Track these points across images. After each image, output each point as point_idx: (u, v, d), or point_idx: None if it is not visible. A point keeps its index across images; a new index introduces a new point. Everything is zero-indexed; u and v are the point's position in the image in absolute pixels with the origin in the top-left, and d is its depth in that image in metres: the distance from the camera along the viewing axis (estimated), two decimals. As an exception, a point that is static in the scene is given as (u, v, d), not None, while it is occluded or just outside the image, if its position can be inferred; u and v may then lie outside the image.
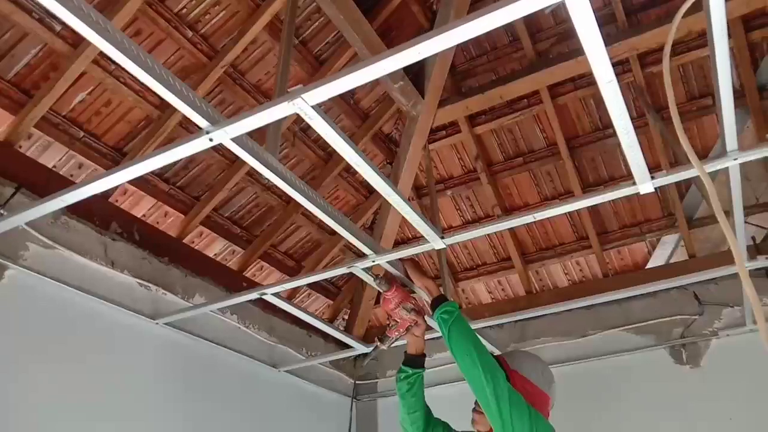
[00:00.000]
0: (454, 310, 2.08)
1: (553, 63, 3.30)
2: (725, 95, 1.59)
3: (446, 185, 4.04)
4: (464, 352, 1.98)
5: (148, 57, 1.40)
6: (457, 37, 1.29)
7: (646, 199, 3.71)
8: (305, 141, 3.49)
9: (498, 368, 1.96)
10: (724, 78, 1.52)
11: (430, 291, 2.21)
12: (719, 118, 1.72)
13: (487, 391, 1.90)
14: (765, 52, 3.14)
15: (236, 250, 3.64)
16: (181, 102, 1.47)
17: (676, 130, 1.54)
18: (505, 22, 1.25)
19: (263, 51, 3.07)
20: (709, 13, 1.37)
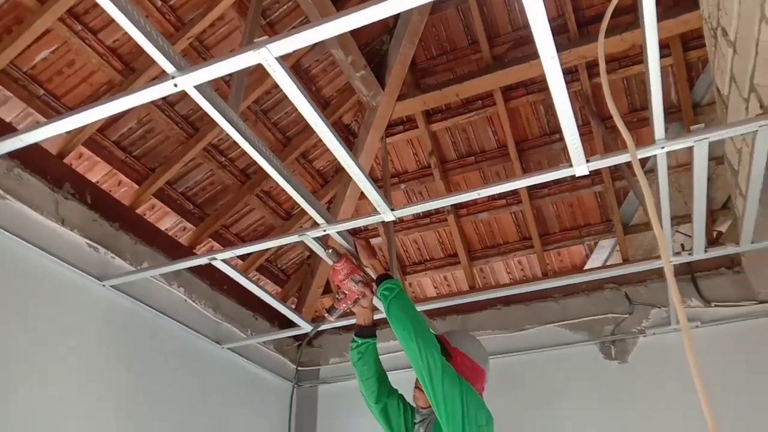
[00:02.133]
0: (395, 287, 2.20)
1: (507, 66, 3.47)
2: (654, 84, 1.75)
3: (400, 179, 4.16)
4: (402, 326, 2.10)
5: (128, 2, 1.46)
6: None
7: (586, 204, 3.92)
8: (265, 123, 3.55)
9: (434, 343, 2.08)
10: (653, 67, 1.68)
11: (376, 269, 2.32)
12: (650, 109, 1.89)
13: (422, 364, 2.02)
14: (701, 71, 3.39)
15: (187, 226, 3.66)
16: (149, 44, 1.53)
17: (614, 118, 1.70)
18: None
19: (230, 28, 3.13)
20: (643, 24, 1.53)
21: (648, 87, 1.75)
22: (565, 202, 3.95)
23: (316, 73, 3.60)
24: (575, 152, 1.88)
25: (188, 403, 3.19)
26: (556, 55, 1.52)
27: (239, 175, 3.63)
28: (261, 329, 3.86)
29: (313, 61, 3.52)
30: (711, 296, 3.27)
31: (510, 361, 3.53)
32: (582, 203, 3.94)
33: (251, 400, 3.69)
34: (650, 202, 1.45)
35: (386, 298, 2.18)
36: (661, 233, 1.39)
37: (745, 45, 2.31)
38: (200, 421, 3.24)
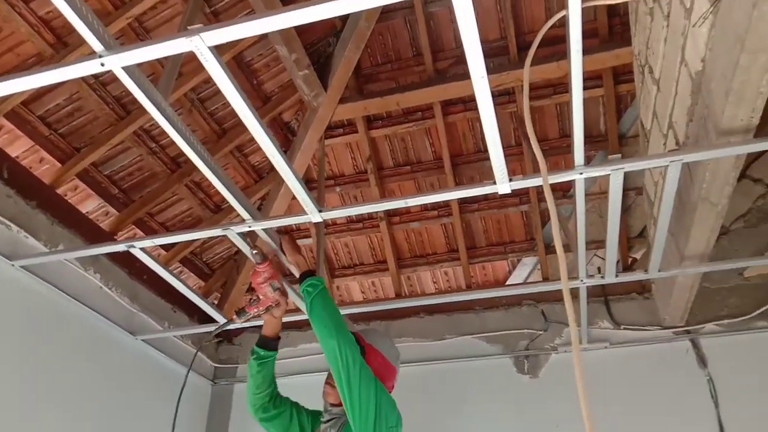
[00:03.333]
0: (319, 284, 2.20)
1: (448, 81, 3.54)
2: (577, 114, 1.83)
3: (336, 182, 4.16)
4: (323, 323, 2.10)
5: None
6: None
7: (513, 222, 4.05)
8: (201, 112, 3.48)
9: (353, 342, 2.10)
10: (576, 96, 1.76)
11: (300, 266, 2.31)
12: (571, 136, 1.97)
13: (340, 363, 2.03)
14: (629, 104, 3.56)
15: (110, 211, 3.54)
16: (78, 19, 1.48)
17: (531, 142, 1.78)
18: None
19: (173, 12, 3.06)
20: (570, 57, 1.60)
21: (571, 116, 1.82)
22: (493, 219, 4.06)
23: (258, 68, 3.56)
24: (499, 171, 1.94)
25: (95, 394, 3.07)
26: (485, 75, 1.57)
27: (169, 163, 3.54)
28: (179, 323, 3.77)
29: (256, 55, 3.49)
30: (621, 319, 3.44)
31: (426, 370, 3.58)
32: (509, 221, 4.06)
33: (165, 395, 3.59)
34: (555, 224, 1.52)
35: (309, 295, 2.18)
36: (562, 254, 1.46)
37: (667, 84, 2.45)
38: (107, 413, 3.13)
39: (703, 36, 1.91)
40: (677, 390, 3.17)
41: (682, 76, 2.21)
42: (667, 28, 2.34)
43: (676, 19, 2.19)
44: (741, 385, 3.08)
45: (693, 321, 3.28)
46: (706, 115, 2.00)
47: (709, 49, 1.89)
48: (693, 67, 2.06)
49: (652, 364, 3.28)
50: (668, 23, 2.31)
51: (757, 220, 3.40)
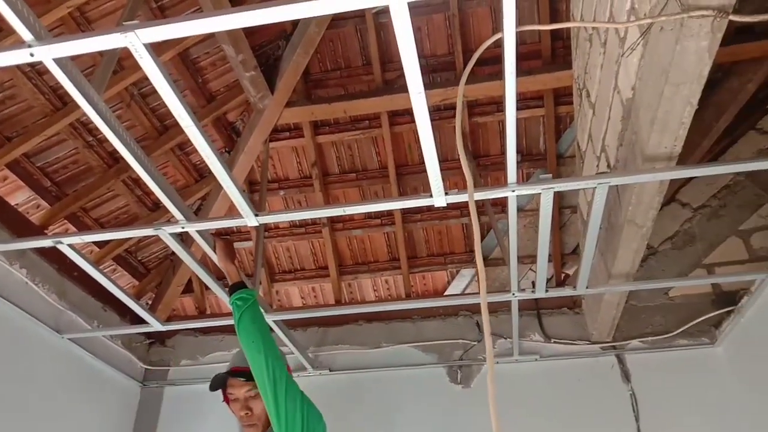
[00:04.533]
0: (249, 298, 2.20)
1: (396, 92, 3.58)
2: (510, 134, 1.88)
3: (280, 185, 4.13)
4: (251, 338, 2.11)
5: None
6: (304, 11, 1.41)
7: (453, 233, 4.11)
8: (143, 107, 3.40)
9: (279, 357, 2.12)
10: (510, 117, 1.81)
11: (230, 275, 2.30)
12: (506, 155, 2.03)
13: (266, 377, 2.05)
14: (568, 125, 3.68)
15: (42, 204, 3.41)
16: (6, 6, 1.43)
17: (461, 159, 1.82)
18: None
19: (116, 5, 2.98)
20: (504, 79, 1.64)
21: (505, 136, 1.87)
22: (435, 230, 4.11)
23: (204, 66, 3.51)
24: (435, 184, 1.97)
25: (15, 395, 2.94)
26: (422, 90, 1.60)
27: (106, 158, 3.44)
28: (110, 322, 3.65)
29: (202, 53, 3.43)
30: (552, 333, 3.53)
31: (361, 377, 3.59)
32: (450, 232, 4.13)
33: (89, 397, 3.47)
34: (477, 239, 1.55)
35: (238, 309, 2.18)
36: (482, 268, 1.50)
37: (602, 108, 2.55)
38: (28, 415, 2.99)
39: (633, 65, 2.00)
40: (601, 403, 3.27)
41: (615, 102, 2.30)
42: (603, 55, 2.44)
43: (612, 47, 2.28)
44: (661, 401, 3.21)
45: (619, 337, 3.40)
46: (634, 141, 2.09)
47: (639, 78, 1.98)
48: (624, 94, 2.15)
49: (579, 378, 3.38)
50: (605, 50, 2.41)
51: (684, 242, 3.56)
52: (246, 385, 2.19)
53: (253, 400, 2.18)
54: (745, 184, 3.57)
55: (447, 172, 3.70)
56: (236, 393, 2.22)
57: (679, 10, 1.50)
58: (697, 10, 1.46)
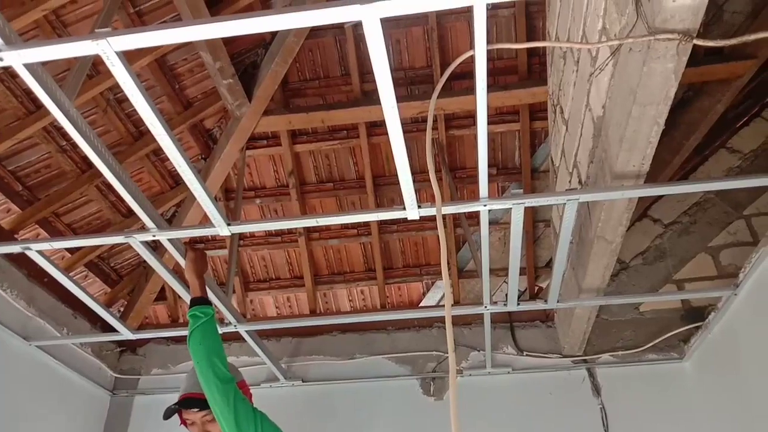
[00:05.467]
0: (201, 316, 2.19)
1: (374, 103, 3.59)
2: (482, 149, 1.90)
3: (257, 194, 4.11)
4: (203, 355, 2.11)
5: None
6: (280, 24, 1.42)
7: (430, 244, 4.13)
8: (118, 113, 3.37)
9: (230, 375, 2.12)
10: (482, 134, 1.83)
11: (192, 289, 2.30)
12: (478, 170, 2.05)
13: (217, 394, 2.04)
14: (543, 140, 3.73)
15: (12, 209, 3.35)
16: (-25, 10, 1.41)
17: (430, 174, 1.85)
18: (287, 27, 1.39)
19: (94, 8, 2.95)
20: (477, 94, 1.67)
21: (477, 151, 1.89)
22: (411, 241, 4.13)
23: (182, 72, 3.49)
24: (408, 197, 1.98)
25: (-24, 402, 2.89)
26: (395, 105, 1.62)
27: (80, 162, 3.40)
28: (80, 329, 3.60)
29: (180, 59, 3.42)
30: (524, 345, 3.56)
31: (334, 388, 3.58)
32: (426, 243, 4.14)
33: (57, 406, 3.41)
34: (444, 253, 1.57)
35: (194, 324, 2.18)
36: (448, 281, 1.51)
37: (575, 125, 2.59)
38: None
39: (604, 84, 2.04)
40: (572, 416, 3.30)
41: (587, 119, 2.34)
42: (576, 73, 2.48)
43: (584, 66, 2.33)
44: (630, 415, 3.24)
45: (590, 351, 3.43)
46: (604, 159, 2.13)
47: (609, 97, 2.02)
48: (595, 112, 2.19)
49: (550, 391, 3.40)
50: (577, 68, 2.45)
51: (654, 258, 3.62)
52: (200, 411, 2.18)
53: (210, 423, 2.17)
54: (714, 201, 3.64)
55: (424, 183, 3.72)
56: (192, 417, 2.22)
57: (646, 33, 1.54)
58: (663, 33, 1.50)
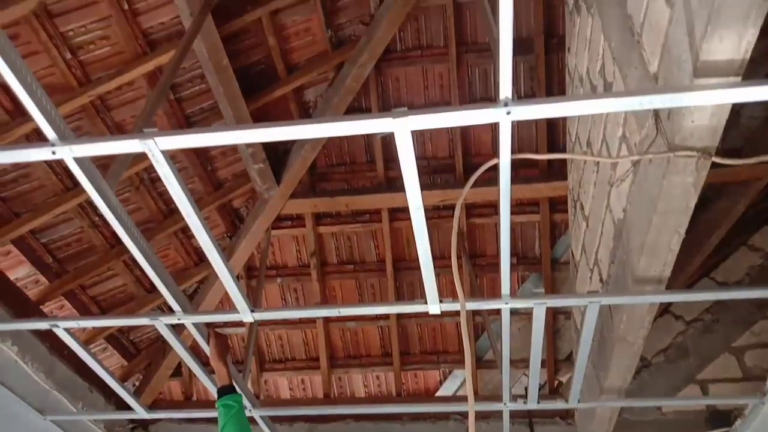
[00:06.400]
0: (235, 405, 2.18)
1: (398, 190, 3.68)
2: (504, 252, 1.94)
3: (278, 273, 4.16)
4: None
5: (18, 56, 1.46)
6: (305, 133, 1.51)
7: (448, 331, 4.10)
8: (150, 191, 3.49)
9: None
10: (504, 238, 1.87)
11: (220, 376, 2.30)
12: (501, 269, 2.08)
13: None
14: (563, 232, 3.77)
15: (41, 280, 3.43)
16: (35, 107, 1.52)
17: (453, 272, 1.88)
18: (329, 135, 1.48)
19: (136, 95, 3.14)
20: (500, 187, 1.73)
21: (500, 249, 1.93)
22: (429, 327, 4.11)
23: (215, 155, 3.64)
24: (430, 292, 2.01)
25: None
26: (421, 206, 1.68)
27: (110, 238, 3.50)
28: (95, 404, 3.57)
29: (213, 143, 3.56)
30: (543, 442, 3.45)
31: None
32: (444, 330, 4.12)
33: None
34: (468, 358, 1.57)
35: (224, 416, 2.16)
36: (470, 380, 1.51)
37: (595, 223, 2.62)
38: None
39: (624, 189, 2.09)
40: None
41: (607, 219, 2.38)
42: (596, 174, 2.54)
43: (605, 168, 2.39)
44: None
45: (612, 451, 3.32)
46: (625, 261, 2.15)
47: (629, 202, 2.07)
48: (616, 214, 2.23)
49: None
50: (597, 170, 2.51)
51: (676, 355, 3.55)
52: None
53: None
54: (737, 300, 3.60)
55: (444, 269, 3.75)
56: None
57: (666, 149, 1.59)
58: (683, 150, 1.55)
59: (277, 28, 3.29)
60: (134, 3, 2.82)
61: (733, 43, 1.35)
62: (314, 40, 3.49)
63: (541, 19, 3.42)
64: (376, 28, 3.41)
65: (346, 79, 3.52)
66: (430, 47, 3.62)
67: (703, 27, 1.36)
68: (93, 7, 2.75)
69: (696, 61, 1.40)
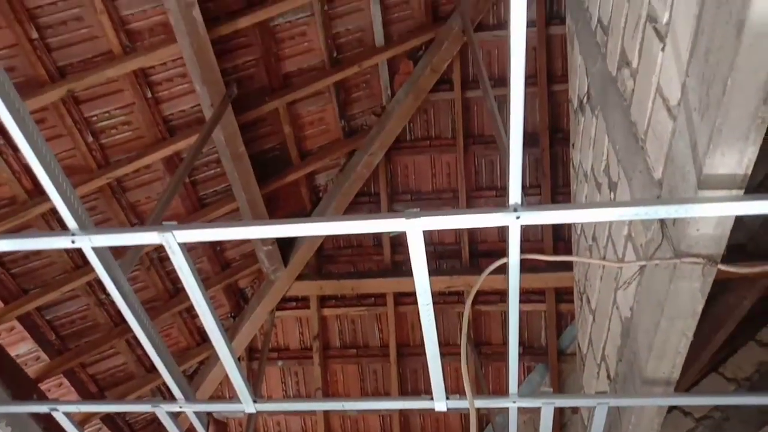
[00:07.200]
0: None
1: (402, 275, 3.71)
2: (513, 343, 1.94)
3: (280, 355, 4.12)
4: None
5: (45, 144, 1.51)
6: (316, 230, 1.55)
7: (451, 422, 4.00)
8: (158, 270, 3.52)
9: None
10: (513, 342, 1.88)
11: None
12: (509, 366, 2.07)
13: None
14: (569, 322, 3.75)
15: (42, 357, 3.41)
16: (59, 197, 1.57)
17: (462, 365, 1.88)
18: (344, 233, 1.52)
19: (153, 177, 3.22)
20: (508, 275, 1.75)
21: (508, 347, 1.92)
22: (433, 417, 4.02)
23: (224, 236, 3.68)
24: (437, 389, 1.99)
25: None
26: (431, 302, 1.69)
27: (114, 316, 3.49)
28: (84, 489, 3.46)
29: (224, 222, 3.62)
30: None
31: None
32: (448, 421, 4.03)
33: None
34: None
35: None
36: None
37: (602, 318, 2.62)
38: None
39: (631, 289, 2.11)
40: None
41: (614, 316, 2.38)
42: (603, 268, 2.57)
43: (611, 261, 2.40)
44: None
45: None
46: (633, 361, 2.14)
47: (637, 302, 2.08)
48: (623, 312, 2.24)
49: None
50: (604, 265, 2.53)
51: (687, 455, 3.44)
52: None
53: None
54: (748, 398, 3.53)
55: (448, 357, 3.71)
56: None
57: (672, 255, 1.63)
58: (689, 257, 1.58)
59: (293, 117, 3.42)
60: (157, 91, 2.95)
61: (735, 159, 1.41)
62: (327, 129, 3.62)
63: (546, 115, 3.54)
64: (387, 120, 3.54)
65: (357, 166, 3.62)
66: (438, 138, 3.74)
67: (705, 142, 1.43)
68: (118, 95, 2.88)
69: (700, 174, 1.46)
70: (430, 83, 3.53)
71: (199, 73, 2.75)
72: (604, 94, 2.40)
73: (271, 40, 3.12)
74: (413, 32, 3.43)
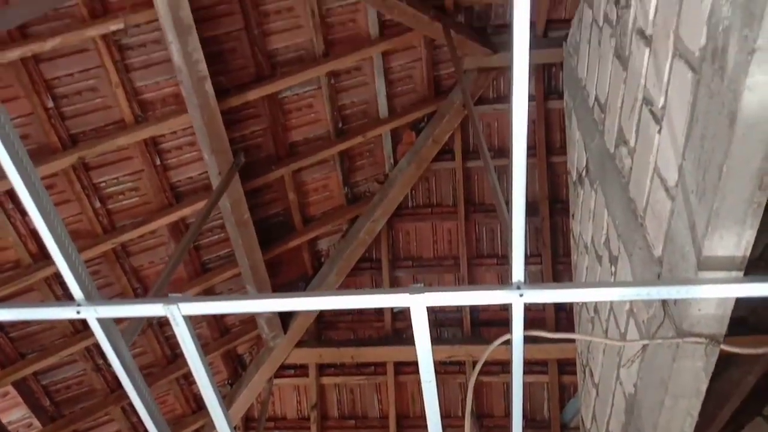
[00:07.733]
0: None
1: (403, 343, 3.68)
2: (516, 421, 1.91)
3: (276, 425, 4.03)
4: None
5: (54, 211, 1.54)
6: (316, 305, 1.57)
7: (452, 497, 3.87)
8: (157, 334, 3.49)
9: None
10: (517, 404, 1.86)
11: None
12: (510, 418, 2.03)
13: None
14: (572, 394, 3.69)
15: (34, 424, 3.34)
16: (66, 266, 1.59)
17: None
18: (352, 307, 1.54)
19: (157, 242, 3.25)
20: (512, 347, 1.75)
21: (511, 421, 1.90)
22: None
23: (225, 301, 3.67)
24: (439, 465, 1.94)
25: None
26: (433, 379, 1.68)
27: (111, 382, 3.44)
28: None
29: (226, 289, 3.62)
30: None
31: None
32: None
33: None
34: None
35: None
36: None
37: (605, 393, 2.59)
38: None
39: (634, 365, 2.10)
40: None
41: (618, 392, 2.36)
42: (605, 345, 2.56)
43: (613, 334, 2.40)
44: None
45: None
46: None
47: (640, 378, 2.06)
48: (627, 388, 2.21)
49: None
50: (607, 337, 2.53)
51: None
52: None
53: None
54: (757, 476, 3.44)
55: (450, 429, 3.64)
56: None
57: (674, 334, 1.63)
58: (691, 337, 1.59)
59: (298, 184, 3.48)
60: (166, 159, 3.02)
61: (733, 242, 1.43)
62: (331, 195, 3.67)
63: (546, 185, 3.61)
64: (390, 187, 3.60)
65: (360, 232, 3.66)
66: (439, 205, 3.79)
67: (703, 225, 1.46)
68: (128, 162, 2.94)
69: (699, 255, 1.48)
70: (432, 153, 3.61)
71: (208, 142, 2.82)
72: (602, 169, 2.46)
73: (279, 111, 3.22)
74: (416, 105, 3.54)
